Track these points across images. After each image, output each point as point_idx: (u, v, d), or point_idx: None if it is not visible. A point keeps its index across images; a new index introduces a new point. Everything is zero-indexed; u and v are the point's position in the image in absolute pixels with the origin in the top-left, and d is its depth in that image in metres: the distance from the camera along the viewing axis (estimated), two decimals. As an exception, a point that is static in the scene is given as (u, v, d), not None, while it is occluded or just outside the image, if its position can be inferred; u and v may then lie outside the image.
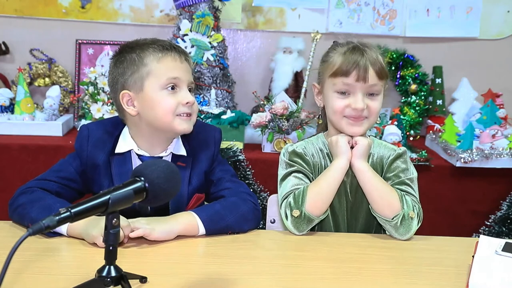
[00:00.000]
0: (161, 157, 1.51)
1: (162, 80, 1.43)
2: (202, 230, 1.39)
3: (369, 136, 1.58)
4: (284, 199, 1.48)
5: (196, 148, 1.56)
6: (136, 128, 1.50)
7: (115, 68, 1.48)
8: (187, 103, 1.45)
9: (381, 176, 1.52)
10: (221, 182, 1.56)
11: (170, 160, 1.52)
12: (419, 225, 1.45)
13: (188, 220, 1.39)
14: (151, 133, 1.49)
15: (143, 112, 1.46)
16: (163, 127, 1.47)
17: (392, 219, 1.42)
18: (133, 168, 1.47)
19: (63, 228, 1.33)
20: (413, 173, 1.54)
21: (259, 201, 2.35)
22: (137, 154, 1.50)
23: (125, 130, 1.53)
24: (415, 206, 1.45)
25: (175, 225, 1.36)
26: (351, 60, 1.45)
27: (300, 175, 1.51)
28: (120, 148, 1.50)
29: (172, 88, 1.44)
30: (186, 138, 1.56)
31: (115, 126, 1.53)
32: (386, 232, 1.53)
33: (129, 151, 1.50)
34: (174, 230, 1.36)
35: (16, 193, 1.43)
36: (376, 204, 1.45)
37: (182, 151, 1.54)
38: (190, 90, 1.49)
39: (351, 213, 1.55)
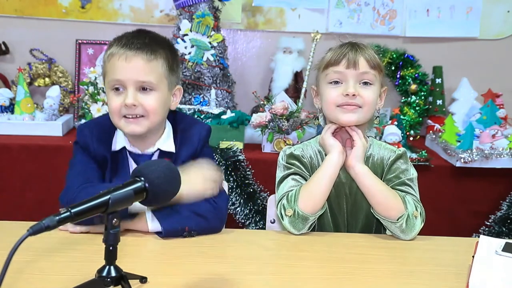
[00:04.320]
0: (151, 154, 1.51)
1: (108, 80, 1.44)
2: (153, 225, 1.37)
3: (368, 137, 1.58)
4: (280, 201, 1.48)
5: (181, 144, 1.54)
6: None
7: None
8: (125, 105, 1.40)
9: (382, 178, 1.52)
10: None
11: (157, 157, 1.51)
12: (422, 224, 1.45)
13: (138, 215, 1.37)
14: None
15: None
16: (116, 126, 1.48)
17: (398, 220, 1.41)
18: (128, 166, 1.50)
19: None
20: (413, 173, 1.54)
21: (259, 201, 2.35)
22: (128, 151, 1.51)
23: None
24: (417, 205, 1.45)
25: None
26: (341, 51, 1.48)
27: (297, 177, 1.51)
28: (116, 145, 1.51)
29: (118, 89, 1.42)
30: (176, 134, 1.55)
31: (111, 121, 1.53)
32: (387, 232, 1.54)
33: (124, 148, 1.50)
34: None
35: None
36: (379, 206, 1.44)
37: (170, 147, 1.52)
38: (147, 89, 1.41)
39: (351, 214, 1.55)
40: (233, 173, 2.34)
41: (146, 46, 1.41)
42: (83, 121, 2.60)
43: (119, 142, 1.51)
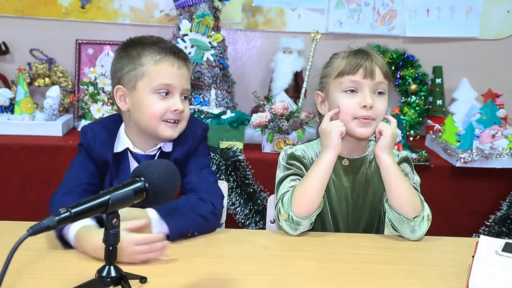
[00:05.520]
0: (153, 155, 1.52)
1: (154, 84, 1.44)
2: (161, 227, 1.34)
3: (370, 140, 1.57)
4: (277, 203, 1.48)
5: (176, 143, 1.55)
6: (128, 123, 1.52)
7: (116, 61, 1.50)
8: (175, 110, 1.45)
9: None
10: (188, 175, 1.52)
11: (158, 157, 1.52)
12: (428, 228, 1.46)
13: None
14: (140, 131, 1.50)
15: (132, 110, 1.48)
16: (147, 130, 1.48)
17: (414, 218, 1.41)
18: (129, 167, 1.50)
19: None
20: (417, 179, 1.54)
21: (259, 201, 2.35)
22: (131, 152, 1.51)
23: (122, 126, 1.54)
24: (429, 210, 1.45)
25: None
26: (356, 60, 1.46)
27: (296, 178, 1.51)
28: (118, 146, 1.51)
29: (166, 93, 1.45)
30: None
31: (115, 123, 1.55)
32: (385, 232, 1.54)
33: (126, 149, 1.51)
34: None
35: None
36: (398, 201, 1.42)
37: (170, 147, 1.55)
38: (185, 98, 1.49)
39: (352, 218, 1.55)
40: (233, 173, 2.34)
41: (187, 58, 1.51)
42: (83, 121, 2.60)
43: (121, 143, 1.51)
